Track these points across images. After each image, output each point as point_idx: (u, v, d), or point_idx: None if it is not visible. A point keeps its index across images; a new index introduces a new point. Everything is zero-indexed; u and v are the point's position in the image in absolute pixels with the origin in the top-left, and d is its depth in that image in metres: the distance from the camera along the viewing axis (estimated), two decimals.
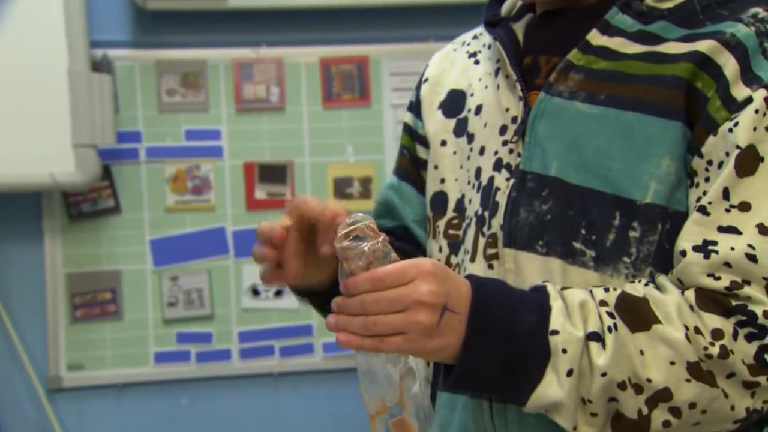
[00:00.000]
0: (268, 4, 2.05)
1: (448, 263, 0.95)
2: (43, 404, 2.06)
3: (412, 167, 1.04)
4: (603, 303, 0.80)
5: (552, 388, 0.77)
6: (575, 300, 0.80)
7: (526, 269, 0.86)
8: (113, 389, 2.09)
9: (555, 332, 0.77)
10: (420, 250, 1.02)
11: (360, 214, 0.76)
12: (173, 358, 2.12)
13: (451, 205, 0.95)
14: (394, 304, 0.74)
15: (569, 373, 0.76)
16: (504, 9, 0.97)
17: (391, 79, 2.16)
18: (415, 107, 1.04)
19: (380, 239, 0.74)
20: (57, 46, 1.91)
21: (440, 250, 0.97)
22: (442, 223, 0.96)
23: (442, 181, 0.97)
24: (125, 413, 2.12)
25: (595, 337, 0.77)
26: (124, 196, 2.09)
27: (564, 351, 0.76)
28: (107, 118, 1.96)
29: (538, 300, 0.80)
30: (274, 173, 2.15)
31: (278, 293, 2.16)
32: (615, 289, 0.81)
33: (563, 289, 0.82)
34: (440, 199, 0.98)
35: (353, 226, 0.74)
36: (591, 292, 0.82)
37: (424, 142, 1.01)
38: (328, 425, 2.17)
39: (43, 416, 2.08)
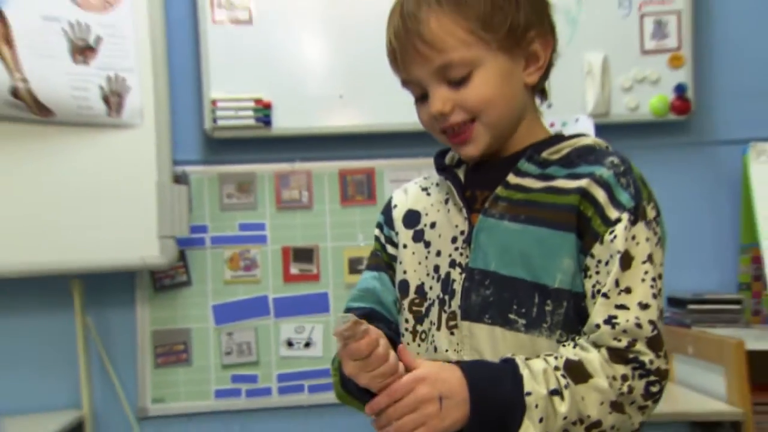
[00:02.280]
0: (300, 132, 2.21)
1: (414, 329, 1.04)
2: (134, 429, 2.19)
3: (386, 264, 1.10)
4: (557, 368, 0.90)
5: (530, 431, 0.88)
6: (539, 369, 0.90)
7: (477, 335, 0.96)
8: (185, 417, 2.21)
9: (529, 393, 0.88)
10: (390, 328, 1.06)
11: (346, 315, 0.86)
12: (228, 394, 2.22)
13: (412, 289, 1.04)
14: (408, 407, 0.87)
15: (540, 420, 0.88)
16: (447, 159, 1.09)
17: (391, 185, 2.26)
18: (386, 225, 1.11)
19: (361, 330, 0.85)
20: (149, 164, 2.05)
21: (407, 320, 1.05)
22: (406, 302, 1.05)
23: (405, 272, 1.06)
24: None
25: (556, 393, 0.89)
26: (194, 273, 2.22)
27: (536, 406, 0.88)
28: (183, 216, 2.10)
29: (510, 370, 0.90)
30: (305, 255, 2.24)
31: (307, 345, 2.23)
32: (560, 357, 0.91)
33: (527, 359, 0.92)
34: (404, 285, 1.06)
35: (344, 326, 0.84)
36: (546, 360, 0.91)
37: (396, 245, 1.09)
38: None
39: None
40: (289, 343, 2.24)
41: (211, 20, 2.18)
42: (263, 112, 2.19)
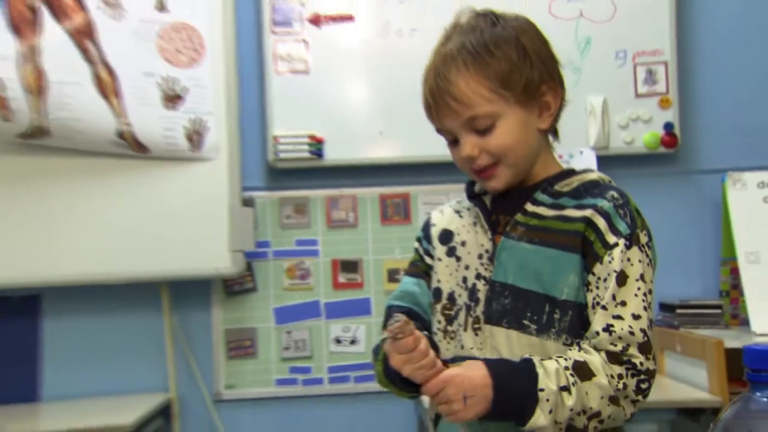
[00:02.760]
0: (347, 162, 2.40)
1: (445, 329, 1.11)
2: (210, 410, 2.39)
3: (423, 272, 1.17)
4: (566, 368, 0.97)
5: (540, 419, 0.95)
6: (552, 368, 0.96)
7: (497, 336, 1.04)
8: (251, 401, 2.40)
9: (542, 389, 0.95)
10: (424, 326, 1.12)
11: (398, 316, 0.93)
12: (288, 383, 2.40)
13: (444, 296, 1.11)
14: (439, 401, 0.96)
15: (550, 411, 0.95)
16: (476, 188, 1.15)
17: (423, 207, 2.44)
18: (425, 239, 1.18)
19: (409, 328, 0.92)
20: (222, 190, 2.24)
21: (439, 322, 1.12)
22: (438, 306, 1.11)
23: (438, 281, 1.13)
24: (259, 417, 2.42)
25: (565, 389, 0.96)
26: (259, 281, 2.40)
27: (547, 400, 0.95)
28: (250, 233, 2.28)
29: (527, 369, 0.97)
30: (351, 266, 2.42)
31: (353, 342, 2.40)
32: (569, 359, 0.98)
33: (542, 359, 0.98)
34: (437, 292, 1.13)
35: (396, 325, 0.92)
36: (558, 361, 0.97)
37: (432, 257, 1.16)
38: (386, 427, 2.44)
39: (211, 418, 2.40)
40: (338, 341, 2.41)
41: (274, 71, 2.42)
42: (316, 146, 2.39)
